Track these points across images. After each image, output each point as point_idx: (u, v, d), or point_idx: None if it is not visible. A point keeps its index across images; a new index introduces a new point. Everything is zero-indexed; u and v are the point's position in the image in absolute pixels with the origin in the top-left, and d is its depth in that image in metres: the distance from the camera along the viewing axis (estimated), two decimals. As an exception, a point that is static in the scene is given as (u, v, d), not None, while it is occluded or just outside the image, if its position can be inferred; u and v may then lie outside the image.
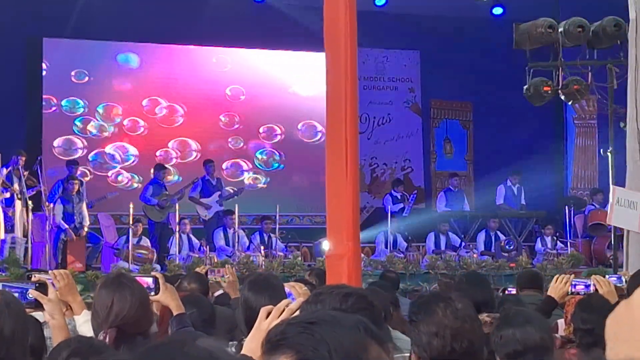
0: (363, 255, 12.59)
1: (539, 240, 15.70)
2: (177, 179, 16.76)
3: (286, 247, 14.80)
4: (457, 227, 15.63)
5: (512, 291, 7.89)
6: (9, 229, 12.58)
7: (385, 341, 1.63)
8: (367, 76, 18.14)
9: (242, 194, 15.49)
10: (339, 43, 5.28)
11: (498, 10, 17.52)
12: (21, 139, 14.94)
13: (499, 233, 15.59)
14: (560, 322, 5.43)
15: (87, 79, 16.88)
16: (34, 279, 3.73)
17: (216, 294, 6.85)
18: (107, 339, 3.41)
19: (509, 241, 15.29)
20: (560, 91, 12.69)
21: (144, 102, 17.29)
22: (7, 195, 12.69)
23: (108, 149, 17.00)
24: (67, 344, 3.04)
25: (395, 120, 18.76)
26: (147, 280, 3.92)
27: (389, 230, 14.65)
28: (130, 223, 13.46)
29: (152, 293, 3.89)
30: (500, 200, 16.20)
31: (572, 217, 15.32)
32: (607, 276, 5.42)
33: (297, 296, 3.73)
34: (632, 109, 8.78)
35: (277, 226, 14.39)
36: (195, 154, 17.28)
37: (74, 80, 16.82)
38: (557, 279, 5.25)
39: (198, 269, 7.82)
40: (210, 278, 6.91)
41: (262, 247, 14.19)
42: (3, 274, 11.50)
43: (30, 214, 12.80)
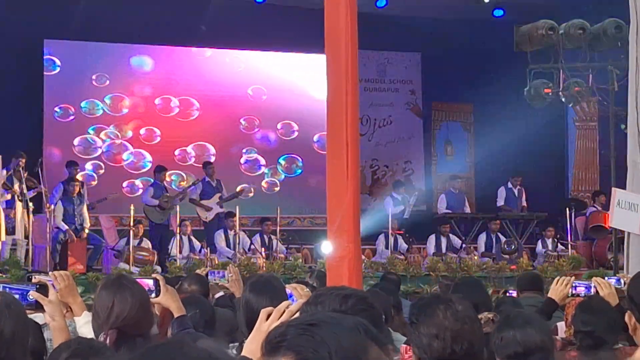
0: (363, 257, 12.58)
1: (539, 242, 15.69)
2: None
3: (287, 248, 14.79)
4: (458, 229, 15.62)
5: (513, 293, 7.90)
6: (10, 230, 12.57)
7: (385, 343, 1.64)
8: (368, 78, 18.13)
9: (243, 196, 15.48)
10: (340, 45, 5.29)
11: (499, 12, 17.52)
12: (22, 140, 14.91)
13: (499, 235, 15.58)
14: (560, 324, 5.44)
15: (107, 82, 16.94)
16: (34, 280, 3.71)
17: (217, 296, 6.85)
18: (108, 341, 3.41)
19: (509, 243, 15.29)
20: (560, 93, 12.71)
21: (157, 101, 17.31)
22: (8, 197, 12.69)
23: (125, 155, 17.00)
24: (68, 345, 3.04)
25: (396, 122, 18.76)
26: (148, 282, 3.91)
27: (390, 232, 14.64)
28: (131, 225, 13.47)
29: (153, 295, 3.87)
30: (501, 202, 16.18)
31: (572, 219, 15.31)
32: (606, 278, 5.41)
33: (299, 298, 3.73)
34: (633, 111, 8.76)
35: (278, 228, 14.38)
36: (212, 158, 17.28)
37: (95, 83, 16.88)
38: (558, 281, 5.25)
39: (199, 271, 7.82)
40: (211, 280, 6.90)
41: (263, 249, 14.19)
42: (4, 276, 11.50)
43: (31, 215, 12.80)
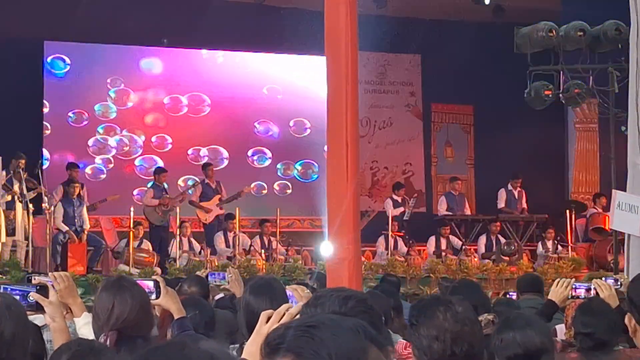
0: (363, 258, 12.58)
1: (540, 244, 15.69)
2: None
3: (287, 250, 14.78)
4: (458, 231, 15.63)
5: (513, 295, 7.90)
6: (10, 232, 12.57)
7: (385, 344, 1.63)
8: (368, 80, 18.12)
9: (242, 197, 15.47)
10: (340, 46, 5.29)
11: (499, 14, 17.51)
12: (22, 142, 14.90)
13: (500, 237, 15.58)
14: (560, 326, 5.44)
15: (122, 85, 16.98)
16: (34, 281, 3.71)
17: (217, 297, 6.85)
18: (108, 342, 3.41)
19: (509, 244, 15.28)
20: (561, 95, 12.70)
21: (166, 100, 17.34)
22: (9, 198, 12.68)
23: (138, 162, 16.99)
24: (68, 346, 3.04)
25: (396, 124, 18.75)
26: (148, 284, 3.90)
27: (390, 233, 14.64)
28: (131, 226, 13.47)
29: (153, 296, 3.87)
30: (501, 205, 16.19)
31: (573, 221, 15.31)
32: (603, 279, 5.42)
33: (299, 299, 3.73)
34: (633, 113, 8.76)
35: (278, 229, 14.37)
36: (225, 162, 17.23)
37: (109, 86, 16.93)
38: (558, 282, 5.25)
39: (199, 273, 7.83)
40: (211, 281, 6.90)
41: (263, 251, 14.19)
42: (4, 277, 11.49)
43: (31, 217, 12.80)
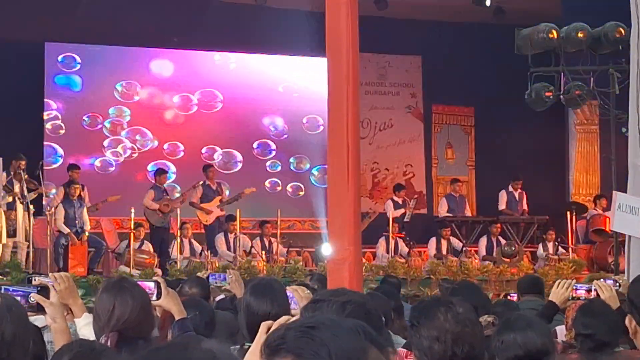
0: (364, 260, 12.58)
1: (540, 246, 15.68)
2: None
3: (287, 251, 14.78)
4: (459, 233, 15.62)
5: (514, 297, 7.90)
6: (11, 233, 12.57)
7: (385, 345, 1.63)
8: (369, 81, 18.13)
9: (243, 199, 15.46)
10: (341, 48, 5.29)
11: (500, 15, 17.51)
12: (23, 143, 14.90)
13: (500, 238, 15.57)
14: (561, 327, 5.44)
15: (137, 88, 17.00)
16: (35, 282, 3.71)
17: (217, 299, 6.85)
18: (109, 343, 3.41)
19: (510, 246, 15.27)
20: (561, 96, 12.69)
21: (175, 99, 17.31)
22: (10, 199, 12.68)
23: (150, 167, 16.99)
24: (69, 347, 3.04)
25: (396, 126, 18.75)
26: (149, 285, 3.90)
27: (390, 235, 14.64)
28: (132, 227, 13.46)
29: (154, 297, 3.87)
30: (502, 206, 16.18)
31: (573, 223, 15.30)
32: (602, 280, 5.43)
33: (300, 300, 3.73)
34: (634, 115, 8.76)
35: (279, 230, 14.36)
36: (239, 165, 17.22)
37: (125, 89, 16.93)
38: (559, 284, 5.25)
39: (199, 274, 7.83)
40: (212, 283, 6.90)
41: (263, 253, 14.18)
42: (4, 279, 11.49)
43: (32, 218, 12.80)
